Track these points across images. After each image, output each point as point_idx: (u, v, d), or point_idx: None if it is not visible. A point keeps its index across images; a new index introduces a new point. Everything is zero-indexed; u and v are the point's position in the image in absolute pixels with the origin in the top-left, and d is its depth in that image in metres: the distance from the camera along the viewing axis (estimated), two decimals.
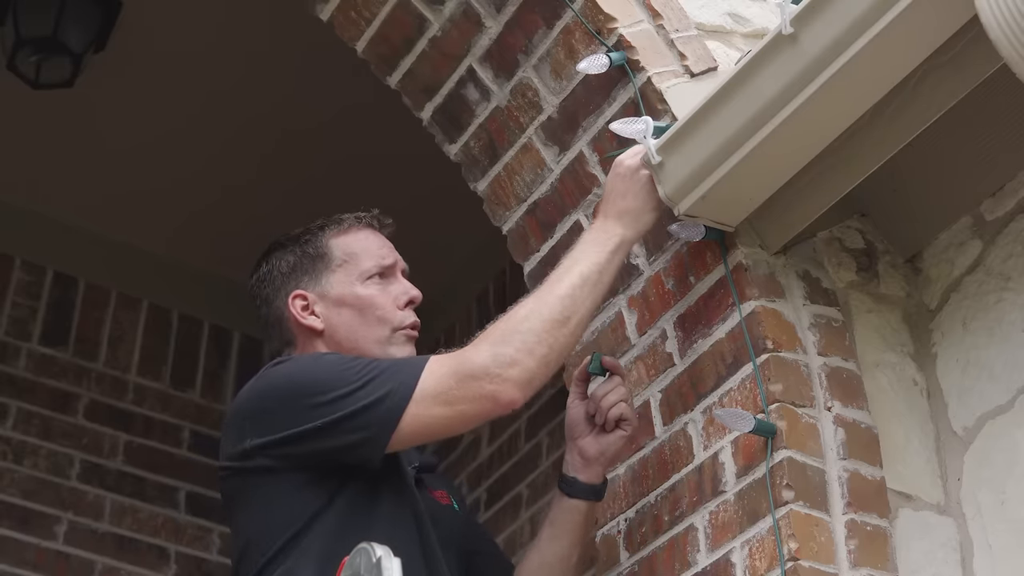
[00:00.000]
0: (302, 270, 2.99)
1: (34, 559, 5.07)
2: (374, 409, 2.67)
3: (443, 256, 5.44)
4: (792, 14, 2.56)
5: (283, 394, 2.76)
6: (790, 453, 2.68)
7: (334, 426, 2.68)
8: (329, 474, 2.72)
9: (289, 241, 3.04)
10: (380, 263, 2.99)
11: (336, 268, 2.98)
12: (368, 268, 2.97)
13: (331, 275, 2.97)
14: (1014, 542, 2.59)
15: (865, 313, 2.87)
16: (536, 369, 2.69)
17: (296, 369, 2.81)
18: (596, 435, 2.93)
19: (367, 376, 2.71)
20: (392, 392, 2.68)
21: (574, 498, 2.92)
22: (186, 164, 5.31)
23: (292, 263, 3.00)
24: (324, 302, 2.95)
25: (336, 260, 2.98)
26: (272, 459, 2.72)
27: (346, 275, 2.97)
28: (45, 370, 5.34)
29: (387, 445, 2.69)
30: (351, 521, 2.69)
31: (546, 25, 3.15)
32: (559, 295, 2.74)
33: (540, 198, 3.25)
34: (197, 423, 5.50)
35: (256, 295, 3.04)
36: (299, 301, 2.96)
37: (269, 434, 2.72)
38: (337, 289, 2.96)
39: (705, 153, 2.74)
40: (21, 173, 5.33)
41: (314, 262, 2.99)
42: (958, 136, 2.69)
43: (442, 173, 4.00)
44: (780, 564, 2.60)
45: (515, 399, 2.69)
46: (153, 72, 5.03)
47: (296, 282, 2.98)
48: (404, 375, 2.71)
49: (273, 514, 2.72)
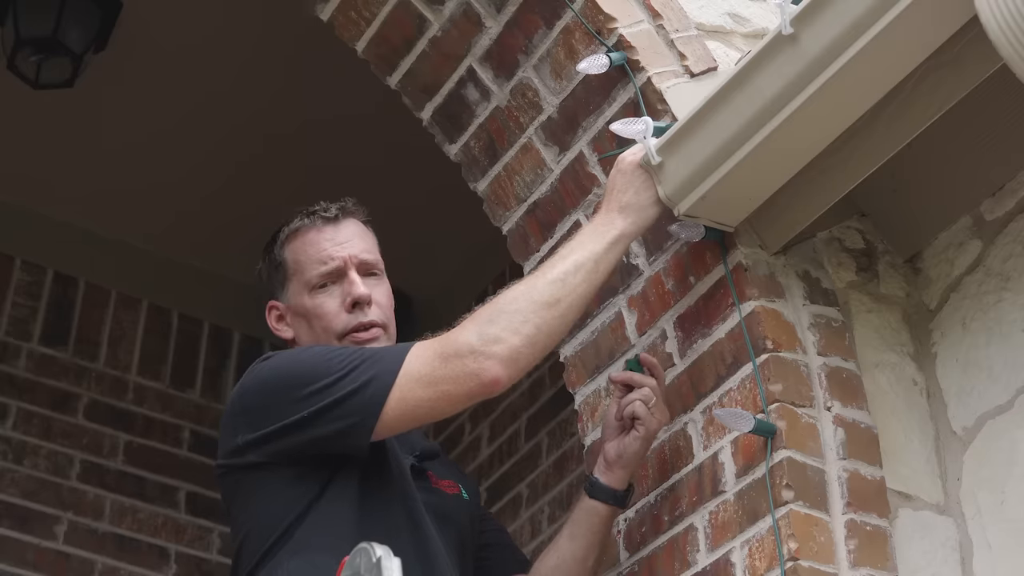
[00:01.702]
0: (271, 280, 2.99)
1: (34, 559, 5.08)
2: (358, 395, 2.66)
3: (443, 256, 5.44)
4: (792, 14, 2.56)
5: (270, 389, 2.75)
6: (790, 453, 2.68)
7: (319, 415, 2.67)
8: (319, 467, 2.71)
9: (266, 247, 3.03)
10: (320, 271, 2.93)
11: (291, 277, 2.96)
12: (311, 278, 2.93)
13: (289, 285, 2.97)
14: (1014, 542, 2.59)
15: (865, 313, 2.87)
16: (522, 347, 2.65)
17: (281, 363, 2.80)
18: (620, 437, 2.87)
19: (351, 364, 2.69)
20: (375, 377, 2.66)
21: (593, 499, 2.87)
22: (186, 165, 5.31)
23: (265, 272, 3.01)
24: (289, 312, 2.97)
25: (290, 269, 2.97)
26: (263, 454, 2.72)
27: (298, 284, 2.95)
28: (45, 370, 5.35)
29: (373, 431, 2.66)
30: (342, 513, 2.68)
31: (546, 25, 3.15)
32: (549, 279, 2.72)
33: (540, 198, 3.25)
34: (197, 423, 5.50)
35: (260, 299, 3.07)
36: (274, 312, 2.98)
37: (259, 429, 2.72)
38: (294, 300, 2.95)
39: (705, 153, 2.74)
40: (21, 173, 5.33)
41: (276, 272, 2.98)
42: (958, 136, 2.69)
43: (442, 173, 4.01)
44: (780, 564, 2.60)
45: (499, 377, 2.64)
46: (153, 71, 5.04)
47: (271, 292, 2.99)
48: (388, 361, 2.69)
49: (267, 509, 2.72)
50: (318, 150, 5.20)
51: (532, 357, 2.68)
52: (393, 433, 2.74)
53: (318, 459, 2.71)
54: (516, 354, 2.65)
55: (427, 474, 2.89)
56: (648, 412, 2.84)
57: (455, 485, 2.95)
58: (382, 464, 2.76)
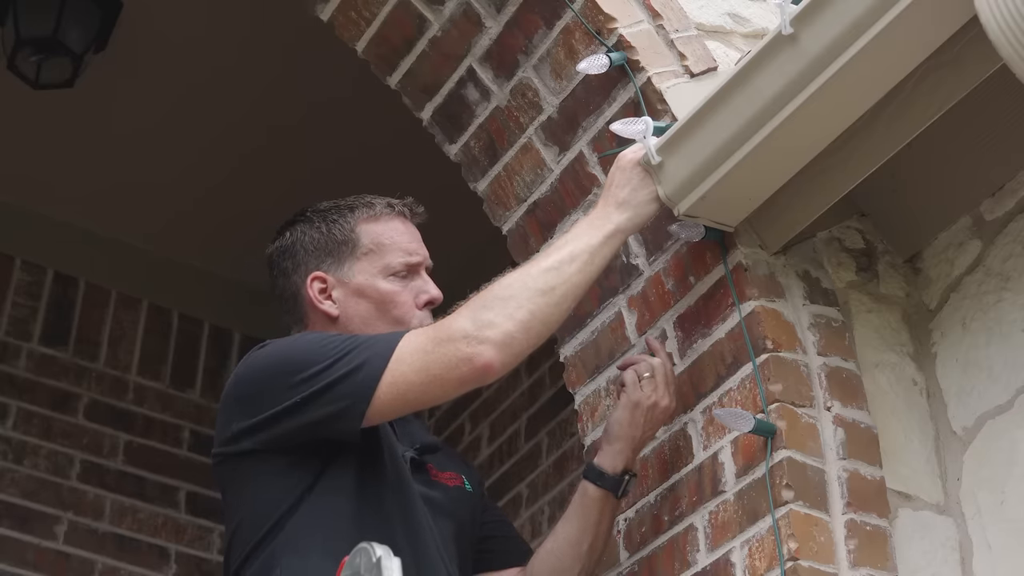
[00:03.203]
0: (326, 251, 2.92)
1: (34, 559, 5.08)
2: (350, 379, 2.65)
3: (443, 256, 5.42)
4: (792, 14, 2.56)
5: (264, 375, 2.74)
6: (790, 453, 2.68)
7: (312, 400, 2.66)
8: (312, 455, 2.70)
9: (317, 216, 2.96)
10: (407, 260, 2.94)
11: (361, 256, 2.92)
12: (394, 264, 2.92)
13: (355, 263, 2.91)
14: (1014, 542, 2.59)
15: (865, 313, 2.87)
16: (515, 333, 2.64)
17: (276, 350, 2.78)
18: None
19: (344, 350, 2.68)
20: (367, 362, 2.65)
21: (585, 479, 2.87)
22: (186, 165, 5.31)
23: (317, 241, 2.93)
24: (343, 288, 2.90)
25: (362, 248, 2.92)
26: (256, 441, 2.71)
27: (370, 265, 2.91)
28: (45, 370, 5.35)
29: (365, 415, 2.65)
30: (335, 503, 2.67)
31: (546, 25, 3.15)
32: (544, 267, 2.72)
33: (540, 198, 3.25)
34: (197, 423, 5.50)
35: (274, 265, 2.97)
36: (318, 283, 2.90)
37: (253, 416, 2.71)
38: (359, 278, 2.91)
39: (705, 153, 2.75)
40: (21, 173, 5.33)
41: (339, 245, 2.92)
42: (958, 136, 2.69)
43: (442, 173, 4.00)
44: (780, 564, 2.60)
45: (492, 362, 2.62)
46: (154, 71, 5.04)
47: (318, 262, 2.92)
48: (380, 346, 2.68)
49: (259, 498, 2.71)
50: (318, 150, 5.20)
51: (526, 343, 2.67)
52: (386, 418, 2.73)
53: (311, 448, 2.70)
54: (510, 339, 2.64)
55: (427, 467, 2.88)
56: (635, 382, 2.84)
57: (457, 477, 2.94)
58: (376, 455, 2.75)
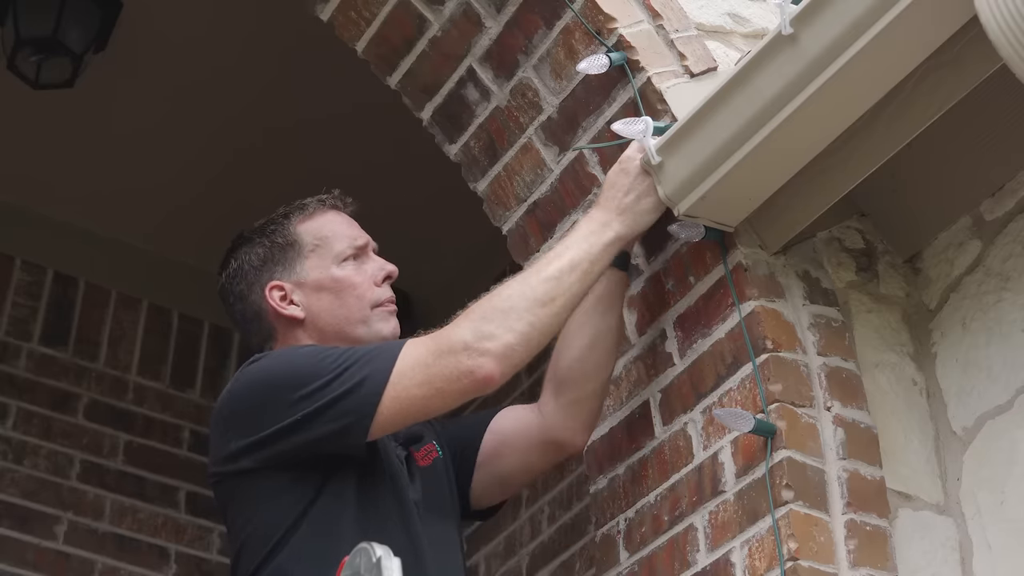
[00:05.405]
0: (274, 260, 2.97)
1: (34, 559, 5.08)
2: (352, 396, 2.66)
3: (443, 256, 5.44)
4: (792, 14, 2.56)
5: (261, 392, 2.74)
6: (790, 453, 2.68)
7: (314, 417, 2.66)
8: (313, 470, 2.70)
9: (255, 233, 3.02)
10: (353, 244, 2.98)
11: (308, 254, 2.96)
12: (342, 250, 2.96)
13: (304, 261, 2.95)
14: (1014, 542, 2.59)
15: (865, 313, 2.87)
16: (516, 344, 2.66)
17: (271, 365, 2.79)
18: None
19: (344, 364, 2.69)
20: (369, 377, 2.67)
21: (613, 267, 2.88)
22: (186, 166, 5.31)
23: (262, 255, 2.98)
24: (302, 290, 2.94)
25: (307, 246, 2.97)
26: (256, 460, 2.71)
27: (320, 260, 2.96)
28: (45, 370, 5.35)
29: (369, 431, 2.67)
30: (338, 515, 2.68)
31: (546, 25, 3.15)
32: (544, 277, 2.73)
33: (540, 198, 3.25)
34: (197, 423, 5.50)
35: (229, 292, 3.02)
36: (276, 292, 2.94)
37: (252, 434, 2.71)
38: (313, 274, 2.94)
39: (705, 153, 2.75)
40: (21, 173, 5.33)
41: (285, 251, 2.97)
42: (958, 136, 2.69)
43: (442, 173, 4.00)
44: (780, 564, 2.60)
45: (492, 373, 2.65)
46: (154, 71, 5.04)
47: (270, 273, 2.96)
48: (381, 360, 2.69)
49: (263, 515, 2.71)
50: (317, 151, 5.20)
51: (526, 354, 2.69)
52: (389, 432, 2.75)
53: (313, 462, 2.71)
54: (510, 351, 2.66)
55: (413, 456, 2.89)
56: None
57: (431, 447, 2.95)
58: (375, 463, 2.76)
